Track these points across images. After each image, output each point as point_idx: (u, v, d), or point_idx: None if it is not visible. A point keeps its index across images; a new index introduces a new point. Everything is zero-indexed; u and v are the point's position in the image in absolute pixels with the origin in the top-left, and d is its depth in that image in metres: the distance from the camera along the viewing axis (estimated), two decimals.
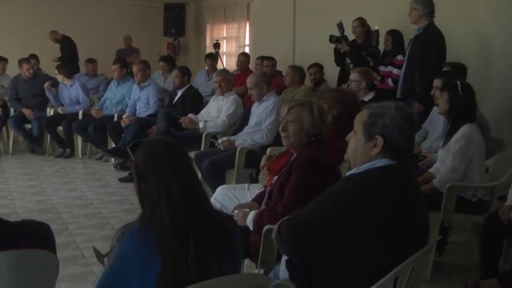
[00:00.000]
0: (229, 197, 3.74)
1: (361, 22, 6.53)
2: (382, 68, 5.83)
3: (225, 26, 11.30)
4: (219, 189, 3.89)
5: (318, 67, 6.93)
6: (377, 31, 6.09)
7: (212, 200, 3.69)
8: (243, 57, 8.52)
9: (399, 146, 2.10)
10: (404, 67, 5.52)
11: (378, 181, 2.07)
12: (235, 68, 8.76)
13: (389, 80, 5.96)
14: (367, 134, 2.14)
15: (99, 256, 2.56)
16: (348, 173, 2.22)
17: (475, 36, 6.04)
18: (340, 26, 6.34)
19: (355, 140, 2.20)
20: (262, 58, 7.81)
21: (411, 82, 5.31)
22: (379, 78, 5.91)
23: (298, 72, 6.77)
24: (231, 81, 6.03)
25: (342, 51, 6.54)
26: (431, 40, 5.22)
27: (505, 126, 5.54)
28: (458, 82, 3.91)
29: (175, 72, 6.86)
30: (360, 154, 2.17)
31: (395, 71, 5.88)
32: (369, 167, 2.12)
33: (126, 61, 7.94)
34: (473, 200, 3.79)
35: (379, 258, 2.03)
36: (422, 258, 2.12)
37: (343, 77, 6.49)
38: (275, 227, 2.27)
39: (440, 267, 3.92)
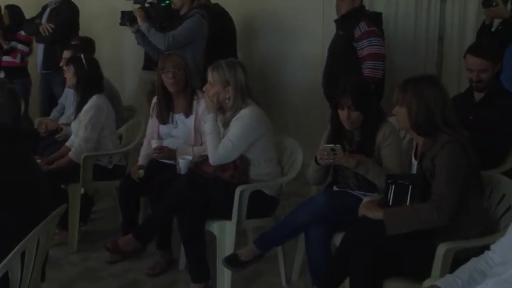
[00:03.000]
0: None
1: None
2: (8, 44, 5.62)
3: None
4: None
5: None
6: None
7: None
8: None
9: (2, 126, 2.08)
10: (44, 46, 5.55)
11: None
12: None
13: (18, 56, 5.78)
14: None
15: None
16: None
17: (107, 9, 6.29)
18: None
19: None
20: None
21: (53, 56, 5.30)
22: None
23: None
24: None
25: None
26: (65, 12, 5.50)
27: (139, 95, 5.93)
28: (82, 55, 4.02)
29: None
30: None
31: (19, 46, 5.72)
32: None
33: None
34: (110, 166, 3.98)
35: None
36: (47, 229, 2.16)
37: None
38: None
39: (88, 236, 4.03)
